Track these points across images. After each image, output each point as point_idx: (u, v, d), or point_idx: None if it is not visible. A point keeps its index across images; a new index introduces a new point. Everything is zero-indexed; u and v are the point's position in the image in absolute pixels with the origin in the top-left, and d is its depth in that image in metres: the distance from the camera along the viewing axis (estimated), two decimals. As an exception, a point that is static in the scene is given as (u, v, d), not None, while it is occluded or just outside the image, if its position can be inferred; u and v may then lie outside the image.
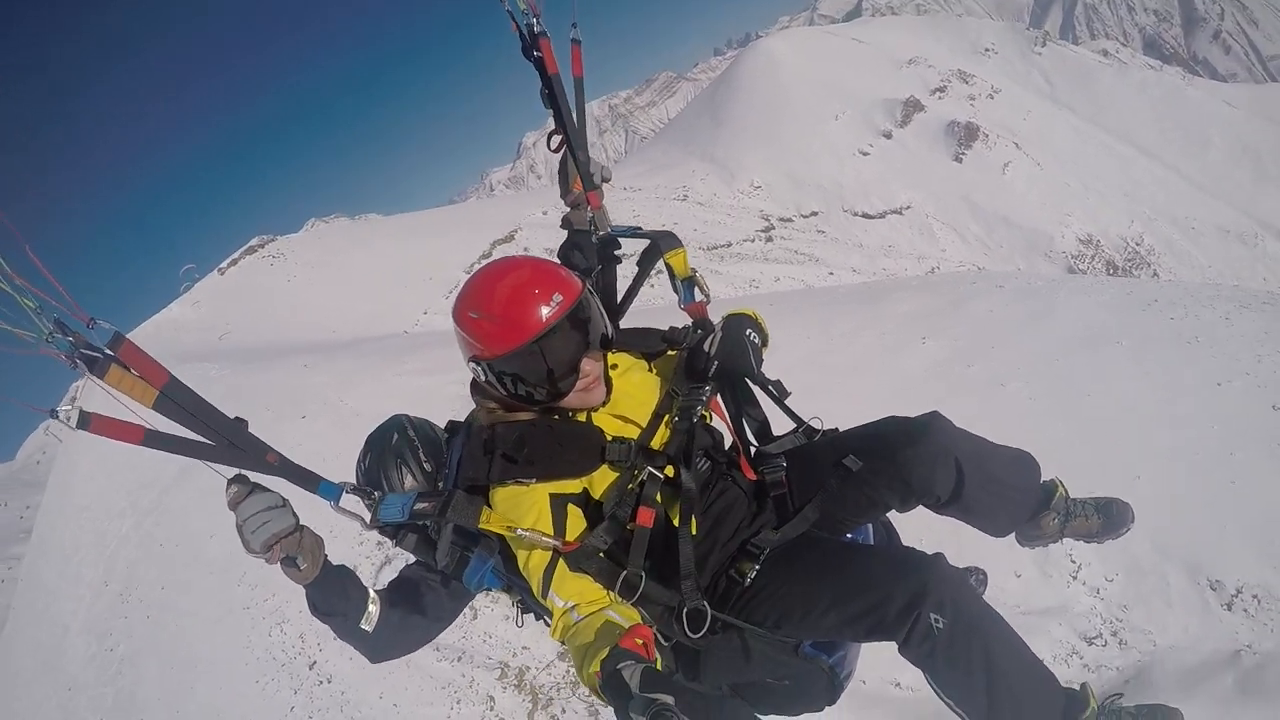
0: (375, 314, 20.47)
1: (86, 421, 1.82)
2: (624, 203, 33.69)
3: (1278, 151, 48.11)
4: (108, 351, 1.83)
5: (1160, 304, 10.25)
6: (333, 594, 2.36)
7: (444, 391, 7.71)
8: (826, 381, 7.32)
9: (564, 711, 5.20)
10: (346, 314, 20.12)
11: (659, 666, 1.76)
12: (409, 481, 2.73)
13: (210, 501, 8.28)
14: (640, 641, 1.79)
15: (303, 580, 2.25)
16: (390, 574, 4.92)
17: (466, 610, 5.35)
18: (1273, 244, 42.80)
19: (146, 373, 1.89)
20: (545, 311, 2.14)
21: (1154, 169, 46.34)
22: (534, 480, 2.17)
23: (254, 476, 2.15)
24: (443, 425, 2.83)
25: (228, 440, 2.04)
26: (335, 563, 2.36)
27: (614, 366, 2.45)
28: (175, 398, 1.95)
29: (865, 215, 40.17)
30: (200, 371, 11.72)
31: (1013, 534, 2.71)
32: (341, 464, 7.03)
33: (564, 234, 2.91)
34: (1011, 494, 2.50)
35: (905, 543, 2.62)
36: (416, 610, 2.61)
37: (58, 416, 1.77)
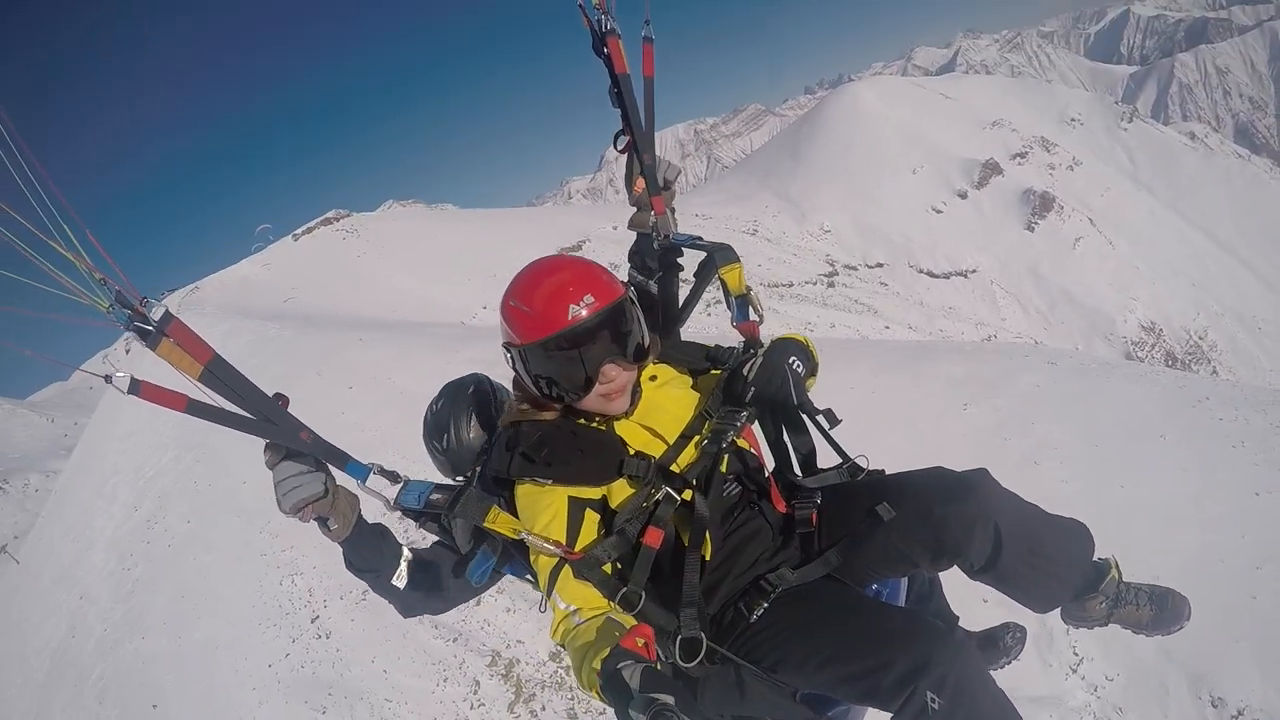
0: (436, 301, 21.04)
1: (137, 388, 1.92)
2: (694, 228, 33.68)
3: (1357, 257, 47.25)
4: (159, 327, 1.94)
5: (1211, 402, 10.37)
6: (366, 552, 2.45)
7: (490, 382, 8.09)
8: (858, 432, 7.50)
9: (544, 709, 5.31)
10: (409, 297, 20.69)
11: (659, 667, 1.74)
12: (473, 433, 2.86)
13: (252, 449, 8.85)
14: (641, 641, 1.78)
15: (335, 539, 2.35)
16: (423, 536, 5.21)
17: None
18: None
19: (193, 350, 1.99)
20: (574, 310, 2.14)
21: (1227, 262, 45.88)
22: (549, 482, 2.18)
23: None
24: None
25: (264, 416, 2.10)
26: (372, 522, 2.45)
27: (653, 378, 2.43)
28: (218, 373, 2.04)
29: (930, 273, 40.24)
30: (261, 329, 12.32)
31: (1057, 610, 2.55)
32: (378, 436, 7.61)
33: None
34: (1055, 570, 2.34)
35: (945, 589, 2.56)
36: (447, 575, 2.65)
37: (111, 381, 1.86)
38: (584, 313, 2.14)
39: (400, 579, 2.53)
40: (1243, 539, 6.40)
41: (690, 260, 2.75)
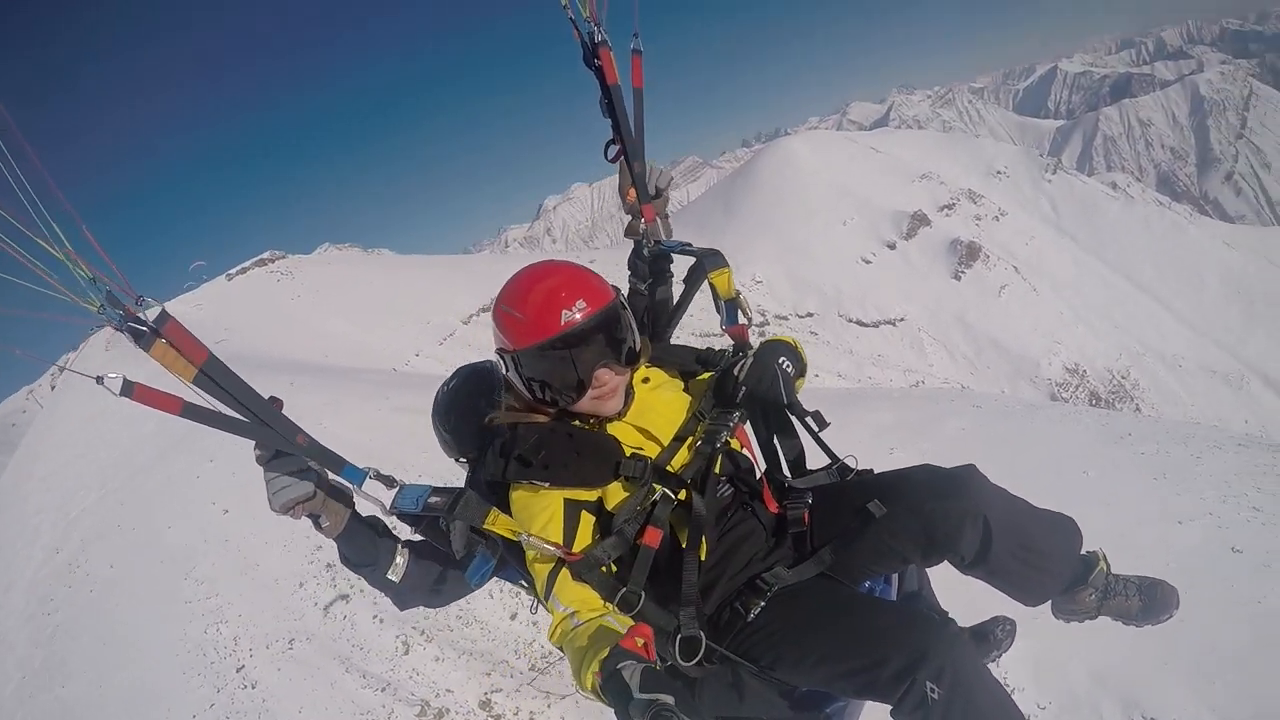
0: (369, 346, 20.98)
1: (130, 389, 1.88)
2: (626, 276, 34.25)
3: (1271, 295, 49.24)
4: (154, 327, 1.91)
5: (1134, 438, 10.69)
6: (360, 547, 2.44)
7: (421, 432, 8.04)
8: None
9: None
10: (342, 341, 20.66)
11: (658, 667, 1.75)
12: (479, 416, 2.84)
13: (179, 491, 8.44)
14: (640, 641, 1.79)
15: (329, 535, 2.35)
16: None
17: (398, 645, 5.89)
18: (1258, 388, 43.60)
19: (188, 350, 1.96)
20: (566, 315, 2.19)
21: (1147, 304, 47.35)
22: (546, 485, 2.20)
23: None
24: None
25: (260, 419, 2.11)
26: (367, 515, 2.44)
27: (646, 380, 2.48)
28: (214, 375, 2.02)
29: (859, 323, 40.85)
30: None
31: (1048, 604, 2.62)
32: None
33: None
34: (1045, 563, 2.39)
35: (934, 588, 2.62)
36: (443, 570, 2.63)
37: (103, 383, 1.82)
38: (577, 317, 2.18)
39: (396, 573, 2.52)
40: (1167, 566, 6.49)
41: (681, 266, 2.81)
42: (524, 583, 2.47)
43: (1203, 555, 6.99)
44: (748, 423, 2.49)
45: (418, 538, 2.56)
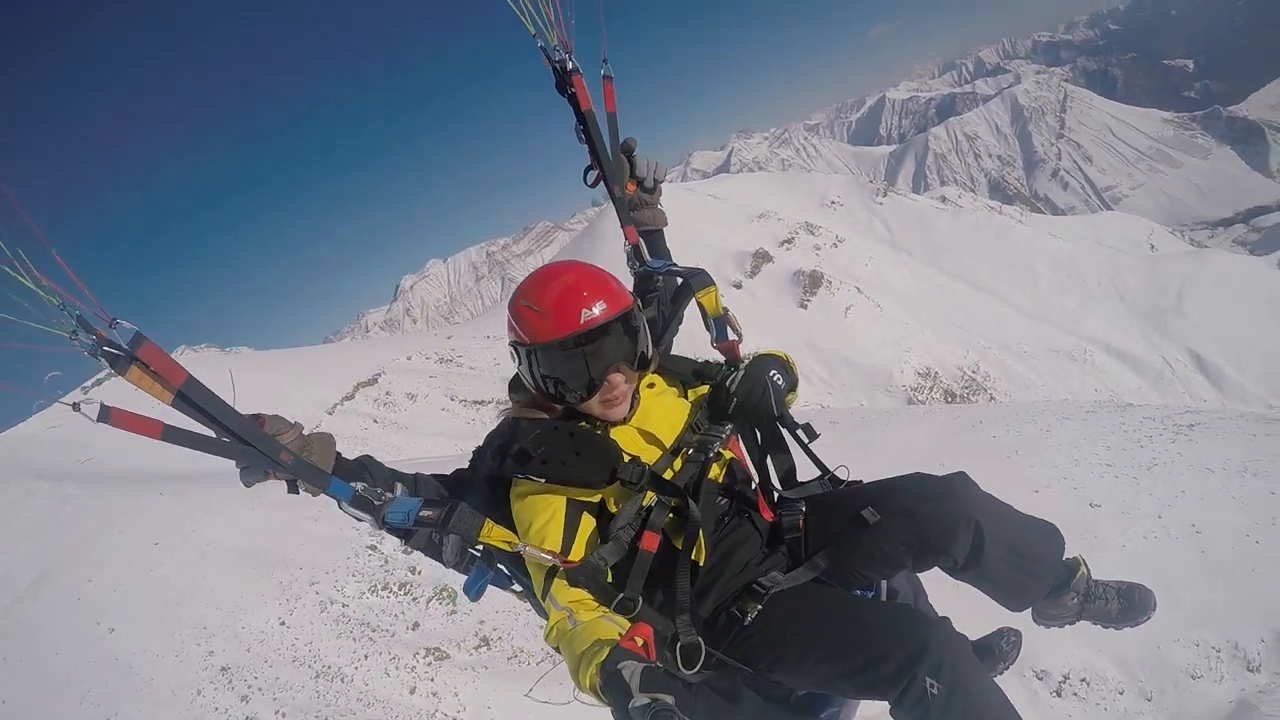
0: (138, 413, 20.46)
1: (107, 415, 1.81)
2: (486, 350, 34.33)
3: (1100, 274, 52.86)
4: (128, 351, 1.85)
5: (984, 424, 11.63)
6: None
7: (298, 527, 8.10)
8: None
9: None
10: None
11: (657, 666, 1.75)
12: None
13: (61, 614, 8.16)
14: (640, 641, 1.79)
15: (312, 493, 2.31)
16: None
17: None
18: (1101, 357, 46.30)
19: (166, 372, 1.91)
20: (586, 314, 2.20)
21: (987, 302, 50.00)
22: (542, 480, 2.20)
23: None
24: None
25: (243, 438, 2.06)
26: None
27: (651, 385, 2.50)
28: (194, 396, 1.97)
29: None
30: (57, 491, 11.66)
31: (1029, 610, 2.69)
32: (187, 589, 7.33)
33: None
34: (1032, 567, 2.46)
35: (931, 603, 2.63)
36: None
37: (79, 410, 1.76)
38: (596, 316, 2.21)
39: (418, 540, 2.44)
40: None
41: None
42: (516, 587, 2.51)
43: (1063, 516, 7.65)
44: (741, 435, 2.55)
45: (408, 550, 2.53)
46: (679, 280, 2.85)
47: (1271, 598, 6.56)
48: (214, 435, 2.03)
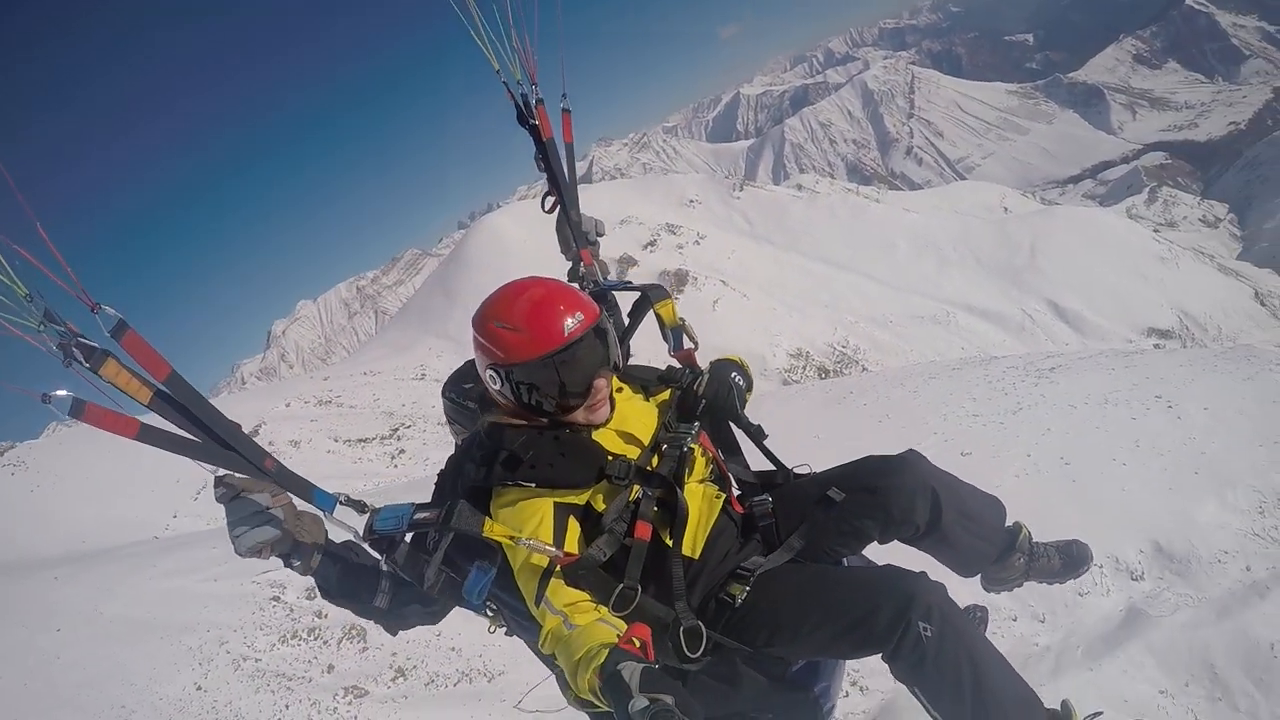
0: (125, 520, 19.49)
1: (80, 410, 1.72)
2: (364, 387, 33.52)
3: (954, 239, 55.49)
4: (104, 343, 1.75)
5: (855, 394, 12.02)
6: (340, 578, 2.39)
7: (198, 590, 7.90)
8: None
9: None
10: (96, 522, 19.11)
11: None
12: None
13: None
14: (638, 642, 1.80)
15: (300, 573, 2.31)
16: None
17: None
18: (964, 317, 48.24)
19: (148, 365, 1.82)
20: (570, 325, 2.26)
21: (849, 279, 51.53)
22: (533, 485, 2.21)
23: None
24: None
25: (223, 442, 2.01)
26: (341, 541, 2.41)
27: (619, 390, 2.59)
28: (176, 393, 1.89)
29: None
30: None
31: (978, 578, 2.87)
32: (101, 671, 6.98)
33: None
34: (984, 530, 2.63)
35: None
36: (419, 595, 2.53)
37: (49, 403, 1.66)
38: (577, 328, 2.26)
39: (383, 599, 2.46)
40: None
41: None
42: (491, 608, 2.54)
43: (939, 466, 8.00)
44: (707, 432, 2.65)
45: (385, 567, 2.50)
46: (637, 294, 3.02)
47: (1143, 512, 6.88)
48: (194, 438, 1.95)
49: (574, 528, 2.26)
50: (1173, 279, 50.52)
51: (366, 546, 2.36)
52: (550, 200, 3.23)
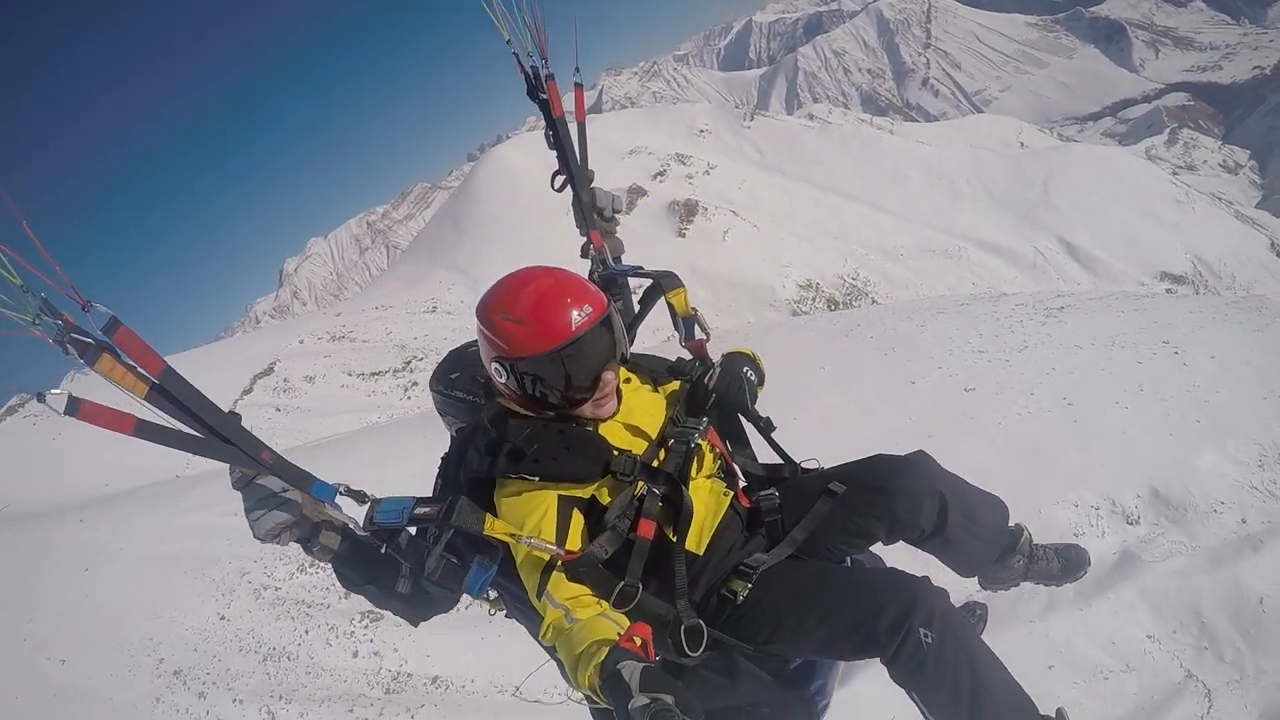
0: (145, 464, 19.97)
1: (76, 407, 1.72)
2: (376, 321, 34.08)
3: (968, 172, 54.67)
4: (101, 337, 1.74)
5: (862, 326, 11.80)
6: (361, 564, 2.37)
7: (219, 524, 8.07)
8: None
9: None
10: (117, 466, 19.49)
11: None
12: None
13: (16, 652, 7.68)
14: (639, 641, 1.79)
15: (320, 559, 2.30)
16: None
17: (264, 716, 5.97)
18: (974, 252, 47.84)
19: (143, 361, 1.81)
20: (576, 319, 2.21)
21: (860, 210, 51.08)
22: (536, 479, 2.19)
23: None
24: None
25: (222, 435, 2.00)
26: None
27: (627, 380, 2.54)
28: (171, 389, 1.88)
29: None
30: None
31: (976, 577, 2.88)
32: (126, 609, 7.26)
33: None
34: (986, 533, 2.63)
35: None
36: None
37: (44, 400, 1.67)
38: (586, 321, 2.23)
39: (405, 583, 2.41)
40: (910, 419, 7.83)
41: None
42: (491, 594, 2.54)
43: (939, 401, 8.24)
44: (716, 427, 2.65)
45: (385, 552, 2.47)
46: (648, 281, 2.92)
47: (1143, 457, 6.85)
48: (191, 432, 1.93)
49: (577, 520, 2.24)
50: (1189, 223, 49.74)
51: (366, 535, 2.31)
52: (560, 179, 3.15)
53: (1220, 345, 8.52)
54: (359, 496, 2.25)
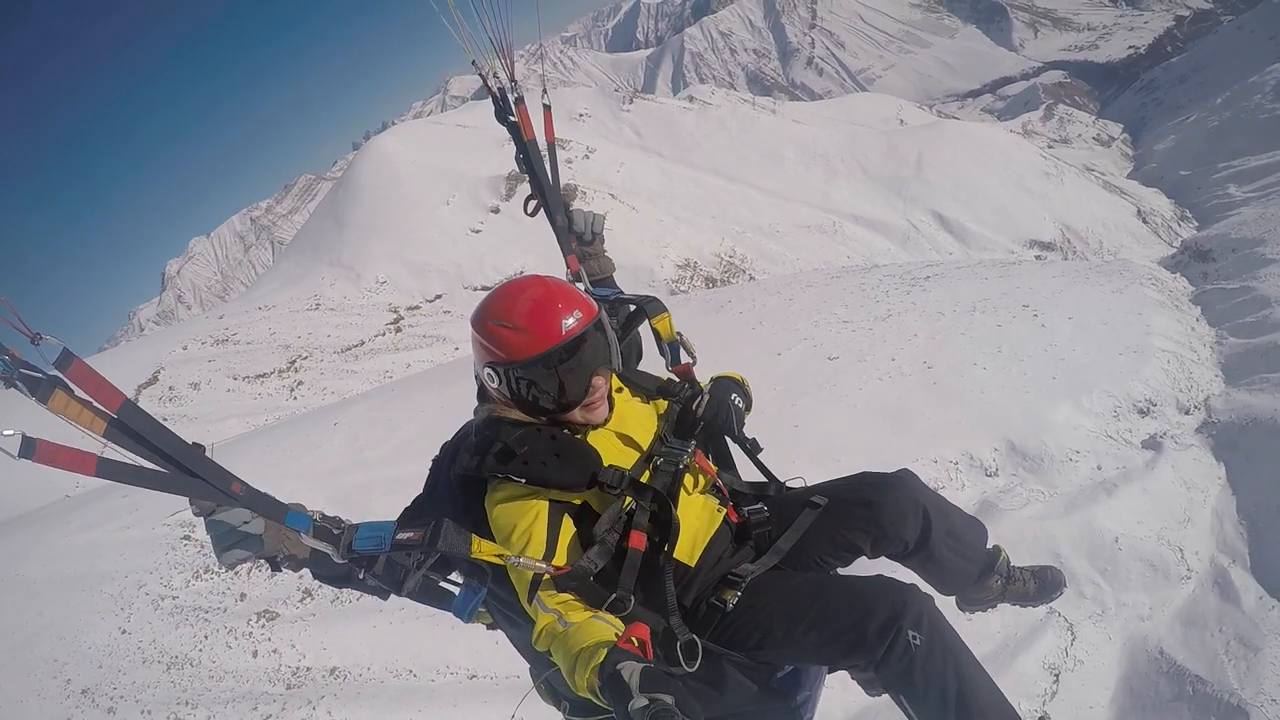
0: (29, 485, 19.59)
1: (31, 449, 1.58)
2: (260, 322, 33.55)
3: (842, 150, 56.36)
4: (52, 372, 1.63)
5: (733, 302, 12.34)
6: (329, 567, 2.31)
7: (113, 539, 8.18)
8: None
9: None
10: (3, 490, 19.37)
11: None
12: None
13: None
14: (637, 641, 1.80)
15: (295, 570, 2.26)
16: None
17: None
18: (850, 227, 49.44)
19: (99, 395, 1.71)
20: (566, 325, 2.25)
21: (737, 190, 52.39)
22: (524, 480, 2.19)
23: None
24: None
25: (187, 470, 1.90)
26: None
27: (619, 390, 2.58)
28: (132, 423, 1.78)
29: (484, 288, 39.93)
30: None
31: (954, 599, 2.87)
32: (29, 630, 7.15)
33: None
34: (967, 551, 2.67)
35: None
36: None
37: None
38: (575, 326, 2.27)
39: (378, 568, 2.39)
40: (775, 389, 8.16)
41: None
42: (490, 604, 2.55)
43: (804, 371, 8.63)
44: (703, 450, 2.70)
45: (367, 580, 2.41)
46: (630, 307, 2.95)
47: (1000, 414, 7.18)
48: (155, 468, 1.85)
49: (568, 528, 2.26)
50: (1057, 194, 51.91)
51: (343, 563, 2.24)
52: (533, 204, 3.12)
53: (1079, 307, 9.01)
54: (335, 523, 2.20)
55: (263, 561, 2.20)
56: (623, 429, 2.48)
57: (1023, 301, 9.34)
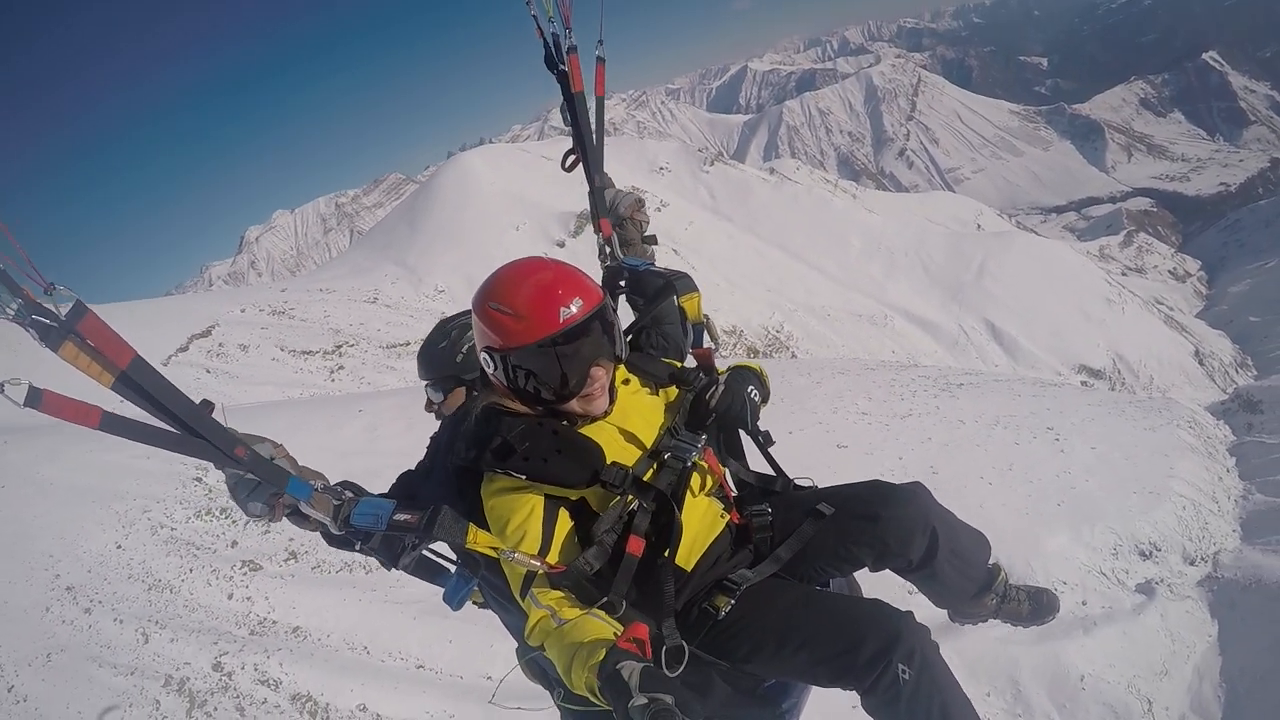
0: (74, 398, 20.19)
1: (37, 399, 1.61)
2: (318, 302, 33.94)
3: (907, 246, 56.28)
4: (64, 320, 1.64)
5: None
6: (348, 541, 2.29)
7: (133, 465, 8.47)
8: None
9: (216, 709, 5.93)
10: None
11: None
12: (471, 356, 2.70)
13: None
14: (636, 641, 1.77)
15: (312, 529, 2.25)
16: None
17: (138, 637, 6.19)
18: (900, 322, 49.18)
19: (109, 350, 1.70)
20: (565, 312, 2.13)
21: (797, 268, 52.42)
22: (523, 478, 2.13)
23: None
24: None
25: (193, 429, 1.89)
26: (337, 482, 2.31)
27: (625, 382, 2.44)
28: (139, 378, 1.77)
29: None
30: None
31: (946, 610, 2.83)
32: (35, 525, 7.63)
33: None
34: (968, 569, 2.61)
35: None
36: None
37: (3, 392, 1.56)
38: (575, 315, 2.14)
39: (374, 542, 2.38)
40: (787, 468, 8.06)
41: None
42: (484, 592, 2.55)
43: (809, 453, 8.50)
44: (714, 443, 2.58)
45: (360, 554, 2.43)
46: (659, 281, 2.83)
47: (990, 529, 6.44)
48: (160, 425, 1.86)
49: (564, 523, 2.19)
50: (1115, 322, 50.99)
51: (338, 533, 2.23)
52: (571, 158, 2.99)
53: (1105, 438, 8.66)
54: (335, 494, 2.19)
55: (288, 510, 2.18)
56: (625, 424, 2.36)
57: (1048, 424, 9.18)
